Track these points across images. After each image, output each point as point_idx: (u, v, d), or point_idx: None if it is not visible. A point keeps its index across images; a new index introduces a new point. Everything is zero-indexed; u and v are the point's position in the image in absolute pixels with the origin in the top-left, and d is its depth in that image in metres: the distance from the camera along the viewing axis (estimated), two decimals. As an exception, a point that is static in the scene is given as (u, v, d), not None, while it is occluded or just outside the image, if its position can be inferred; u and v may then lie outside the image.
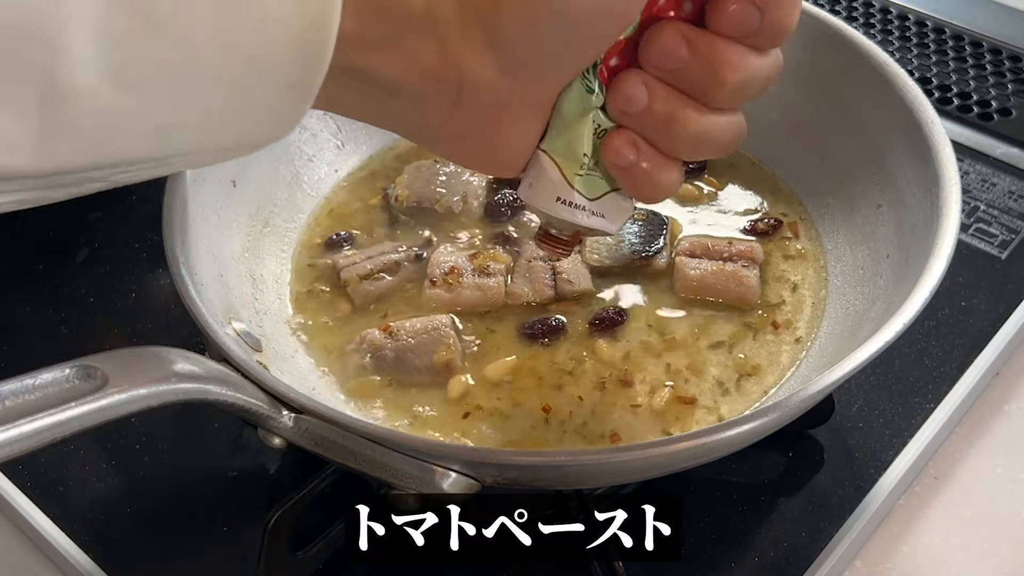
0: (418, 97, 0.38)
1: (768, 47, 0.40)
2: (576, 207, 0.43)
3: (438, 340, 0.54)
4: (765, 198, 0.62)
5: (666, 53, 0.39)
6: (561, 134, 0.41)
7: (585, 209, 0.43)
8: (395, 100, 0.38)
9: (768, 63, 0.40)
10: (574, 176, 0.42)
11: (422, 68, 0.37)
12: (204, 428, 0.58)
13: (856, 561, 0.53)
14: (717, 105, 0.40)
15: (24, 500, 0.55)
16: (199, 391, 0.39)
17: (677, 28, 0.39)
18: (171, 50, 0.32)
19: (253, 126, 0.36)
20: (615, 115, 0.41)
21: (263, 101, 0.35)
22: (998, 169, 0.72)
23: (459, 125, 0.39)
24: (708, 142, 0.41)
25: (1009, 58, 0.82)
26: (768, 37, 0.39)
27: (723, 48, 0.39)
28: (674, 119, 0.40)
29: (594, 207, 0.43)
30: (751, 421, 0.41)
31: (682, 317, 0.56)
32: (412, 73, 0.37)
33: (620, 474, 0.45)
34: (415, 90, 0.38)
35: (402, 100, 0.38)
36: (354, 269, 0.58)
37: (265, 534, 0.47)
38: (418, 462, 0.40)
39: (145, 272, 0.68)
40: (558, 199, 0.42)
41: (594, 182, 0.42)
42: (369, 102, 0.39)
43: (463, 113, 0.39)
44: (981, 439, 0.58)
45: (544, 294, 0.56)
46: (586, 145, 0.41)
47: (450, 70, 0.37)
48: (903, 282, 0.49)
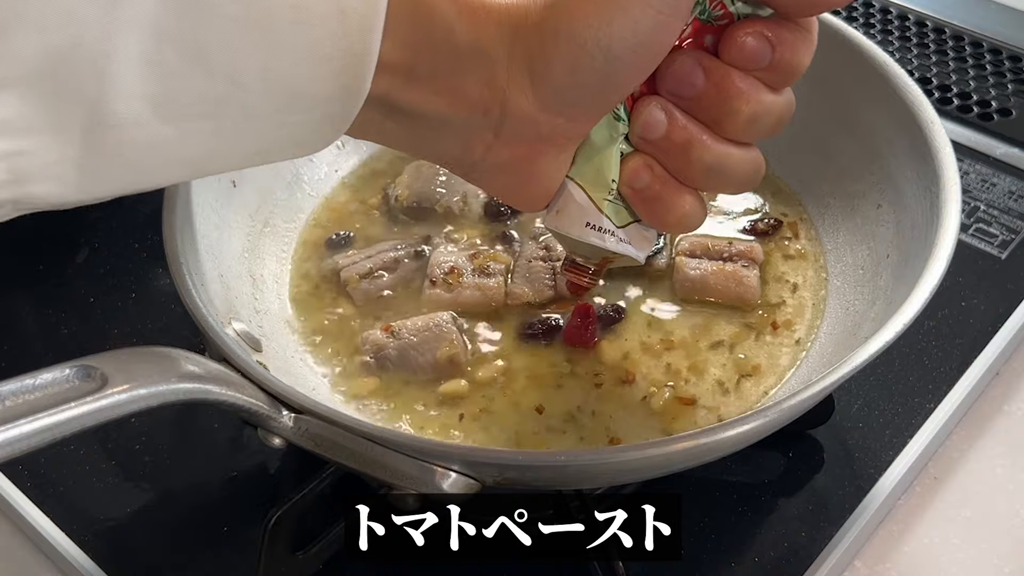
0: (462, 128, 0.39)
1: (780, 85, 0.41)
2: (605, 232, 0.43)
3: (441, 337, 0.54)
4: (765, 198, 0.62)
5: (682, 81, 0.40)
6: (589, 160, 0.42)
7: (614, 234, 0.43)
8: (439, 131, 0.39)
9: (780, 101, 0.41)
10: (603, 201, 0.43)
11: (469, 101, 0.38)
12: (204, 428, 0.58)
13: (856, 561, 0.53)
14: (732, 136, 0.41)
15: (24, 500, 0.55)
16: (199, 391, 0.39)
17: (694, 56, 0.40)
18: (216, 85, 0.33)
19: (284, 150, 0.37)
20: (635, 141, 0.42)
21: (298, 130, 0.36)
22: (998, 169, 0.72)
23: (499, 157, 0.40)
24: (724, 173, 0.41)
25: (1009, 58, 0.82)
26: (779, 73, 0.40)
27: (737, 79, 0.40)
28: (691, 146, 0.41)
29: (620, 233, 0.43)
30: (751, 421, 0.41)
31: (682, 317, 0.56)
32: (459, 105, 0.38)
33: (620, 474, 0.45)
34: (460, 122, 0.39)
35: (446, 131, 0.39)
36: (354, 268, 0.58)
37: (265, 534, 0.47)
38: (418, 462, 0.40)
39: (145, 272, 0.68)
40: (587, 224, 0.43)
41: (620, 210, 0.43)
42: (413, 132, 0.40)
43: (503, 145, 0.40)
44: (981, 439, 0.58)
45: (544, 294, 0.56)
46: (614, 171, 0.42)
47: (495, 104, 0.38)
48: (903, 282, 0.49)
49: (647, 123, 0.41)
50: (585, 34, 0.36)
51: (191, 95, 0.32)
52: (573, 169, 0.42)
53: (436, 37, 0.36)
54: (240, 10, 0.32)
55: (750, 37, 0.39)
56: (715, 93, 0.40)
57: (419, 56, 0.36)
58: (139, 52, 0.31)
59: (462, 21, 0.36)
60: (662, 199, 0.42)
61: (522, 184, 0.42)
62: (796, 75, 0.41)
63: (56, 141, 0.31)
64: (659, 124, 0.41)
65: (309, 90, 0.34)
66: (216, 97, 0.33)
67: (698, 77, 0.40)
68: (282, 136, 0.36)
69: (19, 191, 0.32)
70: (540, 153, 0.41)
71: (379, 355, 0.54)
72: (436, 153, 0.41)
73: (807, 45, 0.40)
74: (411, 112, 0.38)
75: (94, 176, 0.33)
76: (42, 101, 0.30)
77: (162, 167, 0.34)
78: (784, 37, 0.39)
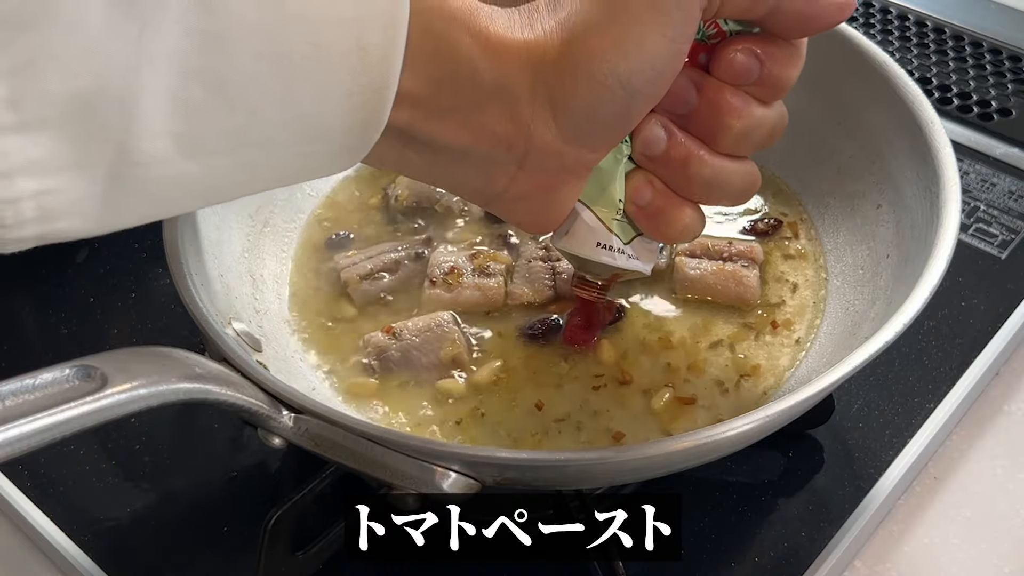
0: (484, 161, 0.40)
1: (770, 98, 0.42)
2: (615, 251, 0.45)
3: (443, 336, 0.54)
4: (765, 198, 0.62)
5: (677, 98, 0.41)
6: (599, 183, 0.43)
7: (623, 252, 0.45)
8: (461, 163, 0.40)
9: (772, 115, 0.42)
10: (611, 221, 0.44)
11: (492, 135, 0.39)
12: (204, 428, 0.58)
13: (856, 561, 0.53)
14: (725, 150, 0.42)
15: (24, 500, 0.55)
16: (199, 391, 0.39)
17: (688, 74, 0.41)
18: (239, 121, 0.33)
19: (302, 175, 0.38)
20: (637, 157, 0.43)
21: (316, 159, 0.36)
22: (998, 169, 0.72)
23: (521, 187, 0.41)
24: (721, 186, 0.43)
25: (1009, 58, 0.82)
26: (769, 87, 0.41)
27: (728, 95, 0.41)
28: (689, 162, 0.42)
29: (628, 250, 0.45)
30: (751, 421, 0.41)
31: (682, 317, 0.56)
32: (482, 139, 0.39)
33: (620, 474, 0.45)
34: (483, 155, 0.39)
35: (468, 163, 0.40)
36: (354, 269, 0.58)
37: (265, 534, 0.47)
38: (418, 462, 0.40)
39: (145, 272, 0.68)
40: (598, 244, 0.45)
41: (625, 226, 0.44)
42: (435, 164, 0.40)
43: (526, 176, 0.40)
44: (981, 439, 0.58)
45: (544, 294, 0.56)
46: (620, 191, 0.43)
47: (519, 137, 0.39)
48: (903, 282, 0.49)
49: (648, 140, 0.42)
50: (604, 69, 0.37)
51: (214, 131, 0.33)
52: (583, 192, 0.43)
53: (460, 73, 0.37)
54: (262, 47, 0.32)
55: (739, 53, 0.40)
56: (708, 109, 0.41)
57: (442, 91, 0.37)
58: (165, 88, 0.31)
59: (485, 57, 0.37)
60: (664, 213, 0.43)
61: (540, 211, 0.43)
62: (785, 89, 0.42)
63: (83, 179, 0.31)
64: (660, 141, 0.42)
65: (328, 123, 0.35)
66: (237, 132, 0.33)
67: (691, 95, 0.41)
68: (300, 165, 0.36)
69: (47, 227, 0.32)
70: (562, 182, 0.42)
71: (382, 356, 0.54)
72: (458, 184, 0.42)
73: (795, 60, 0.41)
74: (433, 144, 0.39)
75: (115, 210, 0.33)
76: (72, 140, 0.30)
77: (182, 199, 0.35)
78: (772, 53, 0.41)
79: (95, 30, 0.29)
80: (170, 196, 0.34)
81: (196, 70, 0.31)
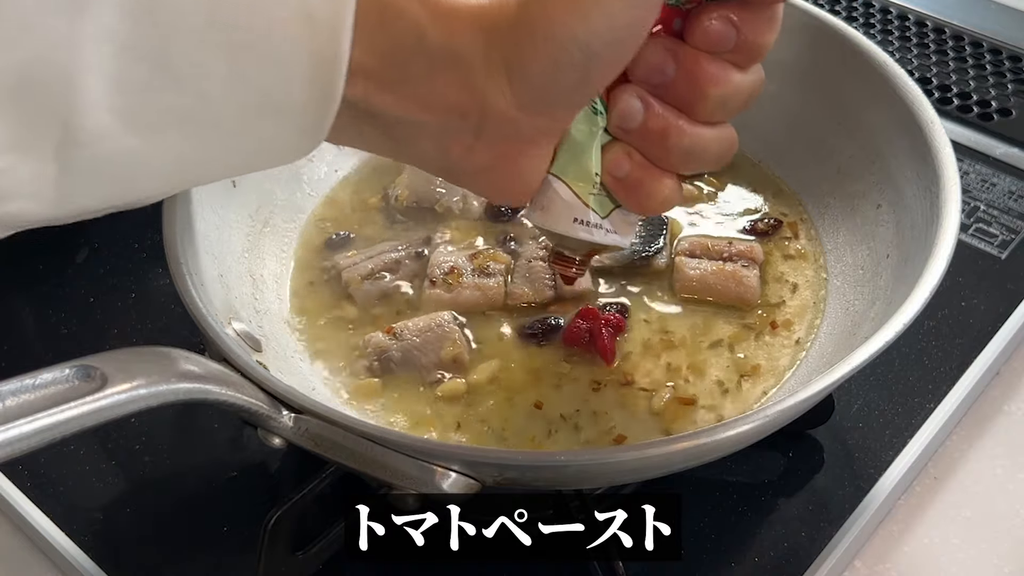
0: (440, 132, 0.39)
1: (747, 64, 0.41)
2: (593, 225, 0.44)
3: (443, 336, 0.54)
4: (765, 198, 0.62)
5: (653, 68, 0.40)
6: (573, 156, 0.42)
7: (600, 227, 0.44)
8: (416, 135, 0.39)
9: (749, 79, 0.41)
10: (588, 196, 0.43)
11: (445, 104, 0.38)
12: (204, 428, 0.58)
13: (856, 561, 0.53)
14: (704, 119, 0.41)
15: (24, 500, 0.55)
16: (199, 391, 0.39)
17: (663, 44, 0.40)
18: (184, 97, 0.33)
19: (264, 158, 0.37)
20: (614, 130, 0.42)
21: (274, 138, 0.36)
22: (998, 169, 0.72)
23: (479, 158, 0.40)
24: (699, 154, 0.42)
25: (1009, 58, 0.82)
26: (745, 54, 0.41)
27: (705, 63, 0.40)
28: (668, 132, 0.41)
29: (606, 224, 0.44)
30: (751, 421, 0.41)
31: (682, 317, 0.56)
32: (434, 109, 0.38)
33: (620, 474, 0.45)
34: (438, 125, 0.38)
35: (423, 134, 0.39)
36: (355, 269, 0.58)
37: (265, 534, 0.47)
38: (418, 462, 0.40)
39: (145, 272, 0.68)
40: (575, 220, 0.43)
41: (603, 200, 0.43)
42: (391, 137, 0.39)
43: (484, 146, 0.39)
44: (981, 439, 0.58)
45: (544, 294, 0.56)
46: (596, 165, 0.42)
47: (473, 105, 0.38)
48: (903, 282, 0.49)
49: (625, 112, 0.41)
50: (562, 32, 0.36)
51: (158, 106, 0.32)
52: (556, 166, 0.42)
53: (407, 41, 0.36)
54: (202, 19, 0.32)
55: (715, 21, 0.39)
56: (686, 79, 0.40)
57: (391, 60, 0.36)
58: (104, 65, 0.31)
59: (434, 24, 0.36)
60: (643, 185, 0.42)
61: (505, 182, 0.42)
62: (762, 54, 0.41)
63: (31, 158, 0.31)
64: (637, 113, 0.41)
65: (276, 96, 0.34)
66: (183, 107, 0.33)
67: (669, 65, 0.40)
68: (256, 145, 0.36)
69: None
70: (521, 152, 0.41)
71: (382, 357, 0.54)
72: (417, 157, 0.41)
73: (771, 25, 0.40)
74: (388, 117, 0.38)
75: (71, 193, 0.33)
76: (14, 119, 0.30)
77: (137, 180, 0.34)
78: (748, 19, 0.40)
79: (29, 5, 0.29)
80: (123, 177, 0.34)
81: (133, 45, 0.31)
